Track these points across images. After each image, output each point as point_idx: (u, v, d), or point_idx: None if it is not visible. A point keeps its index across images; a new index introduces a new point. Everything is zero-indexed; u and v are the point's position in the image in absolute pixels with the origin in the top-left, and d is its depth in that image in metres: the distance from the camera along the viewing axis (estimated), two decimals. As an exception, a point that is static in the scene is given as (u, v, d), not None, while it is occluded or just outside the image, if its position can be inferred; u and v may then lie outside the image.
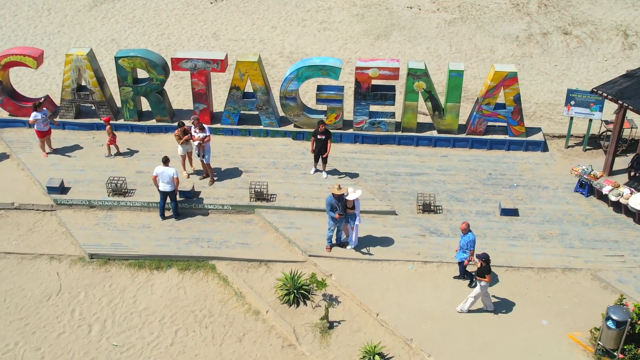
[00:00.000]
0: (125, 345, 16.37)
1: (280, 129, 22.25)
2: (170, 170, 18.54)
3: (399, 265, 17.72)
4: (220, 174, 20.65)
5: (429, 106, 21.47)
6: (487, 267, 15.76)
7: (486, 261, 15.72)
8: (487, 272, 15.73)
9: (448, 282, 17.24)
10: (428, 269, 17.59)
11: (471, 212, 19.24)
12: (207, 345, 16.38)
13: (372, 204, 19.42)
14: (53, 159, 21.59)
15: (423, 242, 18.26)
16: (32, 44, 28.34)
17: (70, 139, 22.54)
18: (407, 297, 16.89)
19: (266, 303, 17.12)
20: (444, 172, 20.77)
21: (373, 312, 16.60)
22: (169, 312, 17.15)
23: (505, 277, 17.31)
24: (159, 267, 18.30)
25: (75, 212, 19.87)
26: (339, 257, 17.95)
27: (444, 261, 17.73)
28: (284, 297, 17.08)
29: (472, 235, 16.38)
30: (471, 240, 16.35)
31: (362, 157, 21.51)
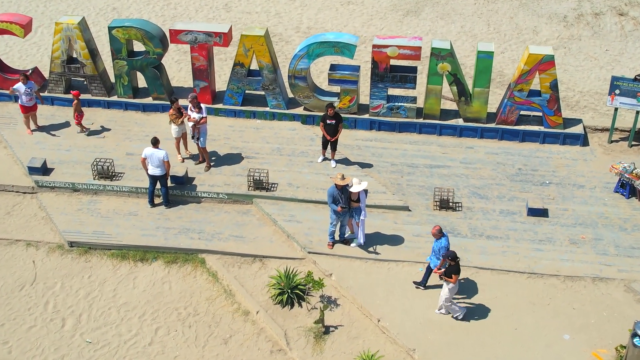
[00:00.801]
0: (100, 343, 16.60)
1: (288, 111, 22.30)
2: (160, 152, 18.71)
3: (408, 267, 17.67)
4: (217, 159, 20.78)
5: (454, 91, 21.32)
6: (456, 267, 15.62)
7: (454, 259, 15.58)
8: (454, 272, 15.57)
9: (461, 287, 17.12)
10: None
11: (494, 211, 19.08)
12: (189, 346, 16.52)
13: (383, 197, 19.37)
14: (38, 136, 21.93)
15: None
16: (26, 11, 28.81)
17: (59, 115, 22.87)
18: (413, 302, 16.83)
19: (257, 303, 17.21)
20: (468, 166, 20.63)
21: (374, 318, 16.58)
22: (151, 308, 17.33)
23: (527, 285, 17.15)
24: (143, 258, 18.50)
25: (57, 195, 20.17)
26: (341, 255, 17.95)
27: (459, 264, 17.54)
28: (276, 297, 17.14)
29: (445, 240, 16.20)
30: (443, 246, 16.17)
31: (377, 145, 21.46)
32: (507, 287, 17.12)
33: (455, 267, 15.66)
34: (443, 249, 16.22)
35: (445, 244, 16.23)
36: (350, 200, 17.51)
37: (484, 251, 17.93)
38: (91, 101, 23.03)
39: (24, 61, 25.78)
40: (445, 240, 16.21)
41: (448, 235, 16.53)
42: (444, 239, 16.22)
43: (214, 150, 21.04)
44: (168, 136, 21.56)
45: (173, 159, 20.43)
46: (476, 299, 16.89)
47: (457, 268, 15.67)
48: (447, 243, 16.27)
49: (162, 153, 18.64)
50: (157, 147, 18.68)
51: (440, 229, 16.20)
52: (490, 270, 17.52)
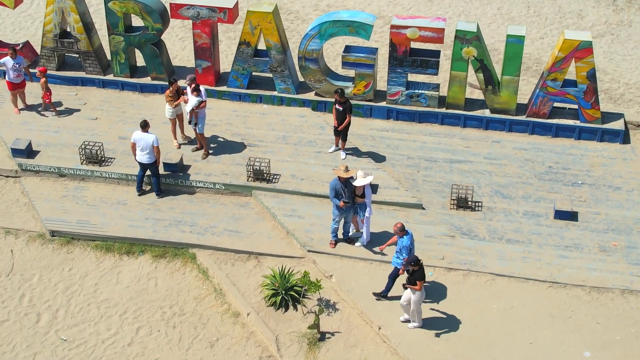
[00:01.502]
0: (76, 341, 16.79)
1: (297, 96, 22.32)
2: (149, 137, 18.82)
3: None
4: (217, 147, 20.88)
5: (480, 79, 21.18)
6: (420, 272, 15.42)
7: (416, 264, 15.35)
8: (419, 278, 15.40)
9: (473, 295, 17.02)
10: (451, 278, 17.42)
11: (517, 213, 18.93)
12: (172, 348, 16.64)
13: (395, 193, 19.31)
14: (25, 116, 22.23)
15: (451, 245, 18.07)
16: (24, -20, 29.10)
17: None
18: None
19: (248, 304, 17.26)
20: (493, 162, 20.49)
21: (375, 325, 16.55)
22: (134, 306, 17.48)
23: (547, 295, 16.99)
24: (129, 252, 18.66)
25: (42, 180, 20.42)
26: (343, 255, 17.95)
27: (473, 269, 17.53)
28: (270, 298, 17.17)
29: (407, 239, 16.02)
30: (404, 245, 16.00)
31: (393, 136, 21.40)
32: (525, 296, 16.98)
33: (420, 272, 15.44)
34: (404, 249, 16.06)
35: (407, 243, 16.04)
36: (354, 195, 17.45)
37: (502, 256, 17.79)
38: (85, 80, 23.27)
39: (16, 34, 26.10)
40: (407, 239, 16.03)
41: (412, 234, 16.30)
42: (406, 237, 16.06)
43: (214, 136, 21.14)
44: (165, 120, 21.70)
45: (168, 145, 20.51)
46: (489, 308, 16.77)
47: (421, 273, 15.45)
48: (410, 243, 16.08)
49: (152, 138, 18.74)
50: (146, 131, 18.78)
51: (403, 226, 16.06)
52: (508, 278, 17.39)
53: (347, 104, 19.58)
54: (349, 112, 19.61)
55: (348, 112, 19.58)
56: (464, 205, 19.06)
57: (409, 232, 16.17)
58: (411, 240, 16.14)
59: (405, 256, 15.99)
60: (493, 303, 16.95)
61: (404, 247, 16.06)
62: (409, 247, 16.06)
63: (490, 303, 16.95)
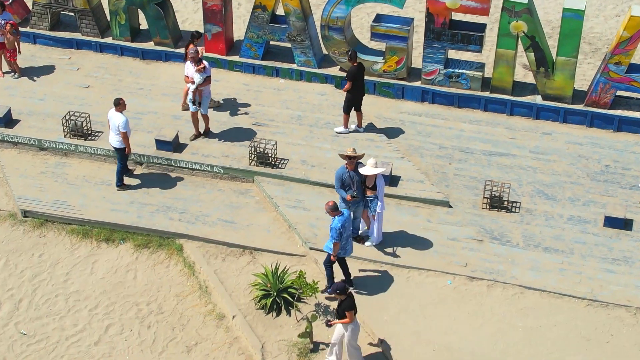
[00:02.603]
0: (37, 336, 17.09)
1: (319, 71, 22.35)
2: (118, 118, 18.82)
3: (433, 278, 17.53)
4: (219, 124, 21.03)
5: (531, 59, 20.94)
6: (349, 301, 15.06)
7: (342, 292, 15.05)
8: (348, 308, 15.05)
9: (497, 309, 16.87)
10: (474, 289, 17.29)
11: (561, 217, 18.70)
12: (143, 350, 16.83)
13: (419, 187, 19.24)
14: (9, 80, 22.65)
15: (477, 250, 17.93)
16: None
17: (40, 56, 23.59)
18: (431, 323, 16.70)
19: (235, 305, 17.35)
20: (539, 157, 20.27)
21: (377, 338, 16.49)
22: (106, 300, 17.73)
23: (584, 315, 16.76)
24: (109, 239, 18.93)
25: (20, 153, 20.82)
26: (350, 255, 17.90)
27: (500, 280, 17.38)
28: (260, 299, 17.24)
29: (337, 220, 16.08)
30: (332, 227, 16.11)
31: (427, 122, 21.29)
32: (557, 314, 16.78)
33: (348, 302, 15.16)
34: (333, 230, 16.13)
35: (336, 224, 16.08)
36: (364, 187, 17.41)
37: (536, 266, 17.61)
38: (80, 42, 23.63)
39: (11, -12, 26.54)
40: (338, 221, 16.06)
41: (349, 216, 16.38)
42: (337, 218, 16.10)
43: (218, 112, 21.23)
44: (167, 91, 21.96)
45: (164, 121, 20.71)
46: (513, 326, 16.62)
47: (350, 303, 15.16)
48: (340, 225, 16.06)
49: (120, 120, 18.76)
50: (119, 111, 18.85)
51: (336, 205, 16.10)
52: (539, 292, 17.22)
53: (351, 69, 19.69)
54: (348, 77, 19.78)
55: (347, 77, 19.81)
56: (498, 205, 18.87)
57: (344, 213, 16.23)
58: (342, 223, 16.13)
59: (335, 240, 16.10)
60: (518, 320, 16.77)
61: (332, 229, 16.15)
62: (338, 230, 16.09)
63: (516, 320, 16.77)
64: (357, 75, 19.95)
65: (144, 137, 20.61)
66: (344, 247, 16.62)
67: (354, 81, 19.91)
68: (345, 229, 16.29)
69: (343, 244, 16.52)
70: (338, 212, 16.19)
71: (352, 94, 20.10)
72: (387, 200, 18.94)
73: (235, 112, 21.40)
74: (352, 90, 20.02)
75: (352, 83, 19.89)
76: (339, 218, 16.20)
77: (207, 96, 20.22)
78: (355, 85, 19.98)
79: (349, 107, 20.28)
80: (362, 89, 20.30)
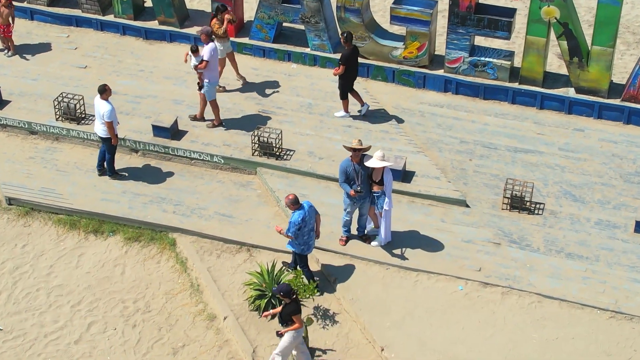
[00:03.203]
0: (14, 332, 17.26)
1: (334, 56, 22.34)
2: (103, 107, 18.86)
3: (443, 282, 17.47)
4: (223, 111, 21.04)
5: (563, 48, 20.79)
6: (294, 306, 15.16)
7: (287, 295, 15.12)
8: (293, 312, 15.13)
9: (511, 318, 16.77)
10: (487, 295, 17.21)
11: (588, 221, 18.54)
12: (126, 351, 16.93)
13: (434, 184, 19.17)
14: (1, 58, 22.88)
15: (493, 254, 17.85)
16: None
17: (37, 34, 23.86)
18: (437, 331, 16.64)
19: (228, 306, 17.39)
20: (569, 155, 20.13)
21: (377, 346, 16.45)
22: (91, 296, 17.86)
23: (606, 327, 16.62)
24: (97, 230, 19.06)
25: (9, 136, 21.03)
26: (354, 255, 17.94)
27: (516, 287, 17.28)
28: (254, 300, 17.27)
29: (297, 215, 16.37)
30: (292, 221, 16.40)
31: (448, 114, 21.22)
32: (576, 326, 16.64)
33: (293, 306, 15.23)
34: (291, 225, 16.37)
35: (296, 218, 16.34)
36: (371, 181, 17.37)
37: (556, 274, 17.48)
38: (80, 19, 23.84)
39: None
40: (298, 214, 16.32)
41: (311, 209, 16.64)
42: (297, 212, 16.30)
43: (223, 97, 21.27)
44: (170, 74, 22.10)
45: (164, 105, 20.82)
46: (527, 337, 16.51)
47: (295, 307, 15.23)
48: (299, 219, 16.29)
49: (105, 108, 18.81)
50: (104, 98, 18.90)
51: (297, 199, 16.29)
52: (559, 301, 17.09)
53: (345, 52, 19.87)
54: (342, 61, 19.95)
55: (341, 60, 19.99)
56: (520, 206, 18.75)
57: (303, 207, 16.43)
58: (302, 217, 16.33)
59: (290, 233, 16.40)
60: (534, 331, 16.65)
61: (291, 223, 16.38)
62: (297, 224, 16.34)
63: (531, 331, 16.66)
64: (351, 59, 20.09)
65: (141, 123, 20.75)
66: (307, 242, 16.79)
67: (348, 65, 19.94)
68: (305, 223, 16.44)
69: (305, 239, 16.70)
70: (298, 205, 16.40)
71: (344, 79, 20.25)
72: (399, 197, 18.93)
73: (241, 98, 21.41)
74: (345, 75, 20.17)
75: (346, 67, 19.97)
76: (298, 212, 16.40)
77: (209, 81, 20.16)
78: (349, 69, 20.06)
79: (344, 92, 20.42)
80: (355, 73, 20.44)
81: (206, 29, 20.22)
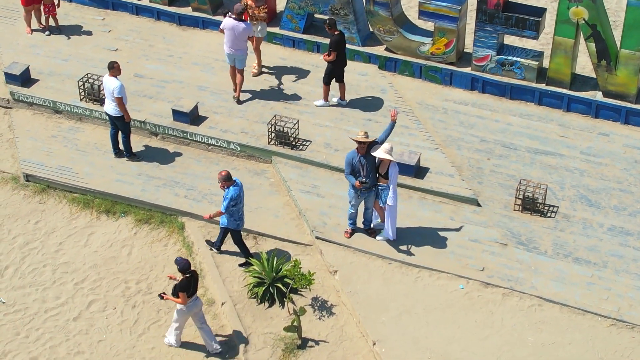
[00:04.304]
0: (16, 305, 17.47)
1: (363, 49, 22.22)
2: (112, 83, 18.96)
3: (445, 280, 17.28)
4: (246, 99, 21.12)
5: (591, 50, 20.37)
6: (184, 283, 15.43)
7: (182, 270, 15.39)
8: (181, 289, 15.43)
9: (508, 320, 16.52)
10: (487, 296, 16.97)
11: (601, 226, 18.17)
12: (122, 331, 17.03)
13: (446, 181, 18.96)
14: (36, 38, 23.18)
15: (498, 255, 17.59)
16: None
17: (74, 15, 24.14)
18: (432, 329, 16.47)
19: (227, 292, 17.39)
20: (590, 159, 19.75)
21: (370, 340, 16.32)
22: (95, 275, 18.01)
23: (605, 335, 16.30)
24: (110, 211, 19.20)
25: (34, 114, 21.29)
26: (357, 248, 17.83)
27: (517, 289, 17.01)
28: (253, 288, 17.24)
29: (233, 190, 16.74)
30: (226, 197, 16.73)
31: (472, 112, 20.96)
32: (574, 332, 16.34)
33: (183, 282, 15.45)
34: (226, 200, 16.61)
35: (232, 194, 16.66)
36: (376, 173, 17.23)
37: (561, 278, 17.18)
38: (117, 2, 24.03)
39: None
40: (233, 190, 16.59)
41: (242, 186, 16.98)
42: (232, 188, 16.55)
43: (247, 85, 21.33)
44: (198, 60, 22.23)
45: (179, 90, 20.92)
46: (522, 340, 16.27)
47: (185, 284, 15.45)
48: (236, 195, 16.60)
49: (114, 85, 18.90)
50: (113, 75, 18.98)
51: (229, 175, 16.44)
52: (560, 306, 16.78)
53: (334, 38, 19.86)
54: (332, 47, 19.94)
55: (330, 46, 19.96)
56: (532, 208, 18.43)
57: (237, 183, 16.68)
58: (238, 193, 16.56)
59: (224, 209, 16.71)
60: (530, 334, 16.39)
61: (226, 198, 16.65)
62: (234, 199, 16.71)
63: (527, 334, 16.40)
64: (340, 44, 20.04)
65: (162, 107, 20.87)
66: (241, 217, 17.15)
67: (337, 51, 20.00)
68: (240, 199, 16.72)
69: (240, 215, 17.05)
70: (231, 182, 16.68)
71: (333, 64, 20.12)
72: (410, 193, 18.82)
73: (264, 87, 21.39)
74: (335, 61, 19.97)
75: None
76: (234, 188, 16.66)
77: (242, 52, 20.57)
78: (338, 55, 20.00)
79: (329, 78, 20.43)
80: (344, 59, 20.38)
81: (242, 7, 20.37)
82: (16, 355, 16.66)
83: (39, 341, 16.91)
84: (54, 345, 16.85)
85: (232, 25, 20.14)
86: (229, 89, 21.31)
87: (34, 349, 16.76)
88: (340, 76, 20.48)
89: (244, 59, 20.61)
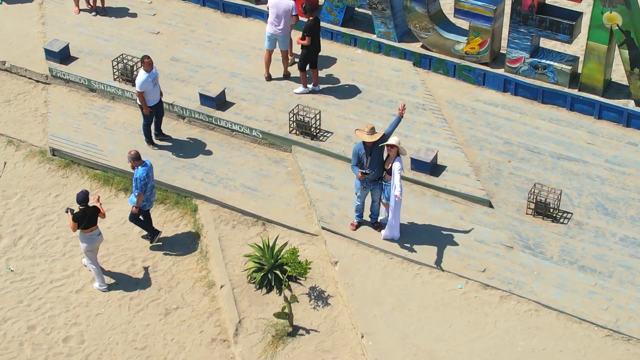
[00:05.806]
0: (23, 274, 17.88)
1: (399, 45, 22.13)
2: (138, 76, 19.28)
3: (444, 279, 17.12)
4: (275, 87, 21.34)
5: (624, 57, 19.93)
6: (79, 213, 16.60)
7: (79, 202, 16.53)
8: (74, 218, 16.53)
9: (502, 323, 16.32)
10: (484, 297, 16.77)
11: (613, 236, 17.78)
12: (121, 306, 17.30)
13: (460, 181, 18.77)
14: (83, 18, 23.65)
15: (502, 257, 17.37)
16: None
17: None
18: (423, 327, 16.36)
19: (227, 275, 17.51)
20: (614, 167, 19.33)
21: (359, 332, 16.27)
22: (104, 250, 18.29)
23: (599, 346, 15.98)
24: (128, 189, 19.48)
25: (70, 91, 21.73)
26: (361, 241, 17.78)
27: (515, 293, 16.76)
28: (252, 273, 17.33)
29: (141, 170, 17.19)
30: (136, 177, 17.17)
31: (501, 113, 20.70)
32: (568, 340, 16.04)
33: (79, 212, 16.61)
34: (137, 181, 17.24)
35: (142, 174, 17.11)
36: (381, 166, 17.17)
37: (562, 284, 16.86)
38: (166, -13, 24.32)
39: None
40: (142, 171, 17.02)
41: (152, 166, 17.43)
42: (141, 168, 16.98)
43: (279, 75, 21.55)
44: (235, 47, 22.44)
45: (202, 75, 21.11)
46: (513, 344, 16.05)
47: (80, 215, 16.59)
48: (144, 175, 17.16)
49: (138, 78, 19.20)
50: (143, 69, 19.21)
51: (138, 155, 16.82)
52: (556, 313, 16.49)
53: (308, 23, 20.05)
54: (306, 31, 20.13)
55: (304, 31, 20.15)
56: (544, 213, 18.13)
57: (146, 163, 17.00)
58: (147, 173, 16.86)
59: (137, 191, 17.03)
60: (521, 339, 16.12)
61: (136, 179, 16.88)
62: (143, 179, 17.06)
63: (519, 338, 16.14)
64: (314, 29, 20.17)
65: (192, 91, 21.09)
66: (149, 198, 17.43)
67: (311, 35, 20.13)
68: (149, 179, 16.99)
69: (148, 195, 17.33)
70: (140, 162, 17.03)
71: (308, 49, 20.21)
72: (424, 190, 18.73)
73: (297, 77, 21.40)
74: (309, 46, 20.00)
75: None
76: (142, 168, 17.03)
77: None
78: (312, 40, 20.13)
79: (304, 63, 20.53)
80: (319, 45, 20.50)
81: None
82: (15, 322, 17.05)
83: (40, 310, 17.27)
84: (53, 315, 17.19)
85: (276, 2, 20.32)
86: (261, 76, 21.41)
87: (34, 317, 17.14)
88: (314, 62, 20.63)
89: (286, 39, 20.90)
